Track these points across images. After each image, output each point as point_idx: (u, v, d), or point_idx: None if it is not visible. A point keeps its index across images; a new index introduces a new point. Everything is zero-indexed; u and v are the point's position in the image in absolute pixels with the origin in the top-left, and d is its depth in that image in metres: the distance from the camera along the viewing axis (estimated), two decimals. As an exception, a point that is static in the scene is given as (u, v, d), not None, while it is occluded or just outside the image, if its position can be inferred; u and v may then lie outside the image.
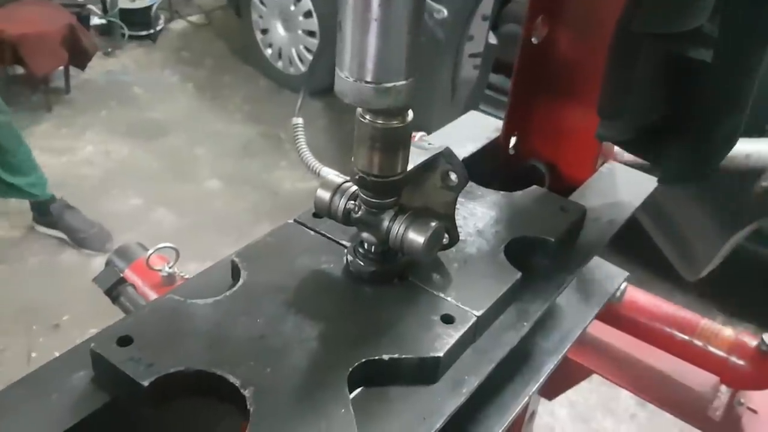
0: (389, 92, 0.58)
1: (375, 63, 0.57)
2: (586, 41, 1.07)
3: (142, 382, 0.63)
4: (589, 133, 1.07)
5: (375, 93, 0.57)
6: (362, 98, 0.58)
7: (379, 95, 0.58)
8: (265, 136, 4.61)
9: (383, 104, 0.58)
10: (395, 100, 0.58)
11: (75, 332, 3.04)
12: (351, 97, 0.58)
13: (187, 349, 0.68)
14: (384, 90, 0.57)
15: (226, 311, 0.73)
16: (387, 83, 0.57)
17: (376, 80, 0.57)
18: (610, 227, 0.97)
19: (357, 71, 0.57)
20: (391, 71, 0.57)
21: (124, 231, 3.52)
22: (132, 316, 0.72)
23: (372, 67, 0.57)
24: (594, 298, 1.08)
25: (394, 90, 0.58)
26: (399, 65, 0.57)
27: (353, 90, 0.58)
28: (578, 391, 2.98)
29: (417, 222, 0.73)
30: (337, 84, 0.59)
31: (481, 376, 0.72)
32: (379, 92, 0.57)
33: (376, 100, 0.58)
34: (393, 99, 0.58)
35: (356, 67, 0.57)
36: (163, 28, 5.77)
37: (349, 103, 0.59)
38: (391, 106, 0.59)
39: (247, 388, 0.64)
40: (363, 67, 0.57)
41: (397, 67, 0.57)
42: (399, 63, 0.57)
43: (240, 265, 0.79)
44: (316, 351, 0.69)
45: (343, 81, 0.58)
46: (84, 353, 0.69)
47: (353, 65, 0.57)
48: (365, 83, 0.57)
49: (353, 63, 0.57)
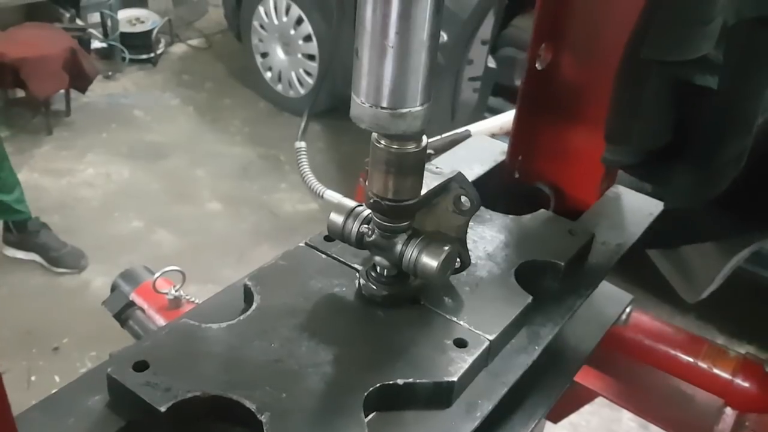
0: (405, 117, 0.59)
1: (391, 89, 0.58)
2: (590, 66, 1.08)
3: (159, 407, 0.64)
4: (594, 156, 1.09)
5: (391, 118, 0.58)
6: (378, 123, 0.59)
7: (395, 120, 0.59)
8: (265, 158, 4.63)
9: (399, 129, 0.59)
10: (411, 125, 0.59)
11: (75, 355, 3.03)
12: (367, 122, 0.59)
13: (203, 373, 0.68)
14: (400, 115, 0.58)
15: (240, 335, 0.73)
16: (403, 109, 0.58)
17: (392, 106, 0.58)
18: (617, 250, 0.98)
19: (373, 97, 0.58)
20: (407, 97, 0.58)
21: (125, 253, 3.52)
22: (147, 340, 0.73)
23: (388, 93, 0.58)
24: (600, 321, 1.09)
25: (410, 115, 0.59)
26: (415, 91, 0.58)
27: (369, 115, 0.59)
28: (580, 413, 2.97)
29: (430, 246, 0.74)
30: (353, 109, 0.60)
31: (494, 399, 0.72)
32: (396, 117, 0.58)
33: (392, 125, 0.59)
34: (409, 124, 0.59)
35: (373, 93, 0.58)
36: (163, 51, 5.81)
37: (365, 129, 0.60)
38: (407, 131, 0.60)
39: (263, 413, 0.64)
40: (379, 93, 0.58)
41: (413, 92, 0.58)
42: (415, 89, 0.58)
43: (253, 288, 0.79)
44: (331, 375, 0.70)
45: (359, 106, 0.59)
46: (100, 376, 0.69)
47: (370, 91, 0.58)
48: (381, 109, 0.58)
49: (369, 89, 0.58)
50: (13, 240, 3.57)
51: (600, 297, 1.09)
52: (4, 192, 3.28)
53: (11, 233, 3.55)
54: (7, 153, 3.30)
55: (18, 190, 3.37)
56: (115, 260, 3.54)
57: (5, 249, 3.59)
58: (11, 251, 3.58)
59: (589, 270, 0.94)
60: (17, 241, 3.56)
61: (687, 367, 1.30)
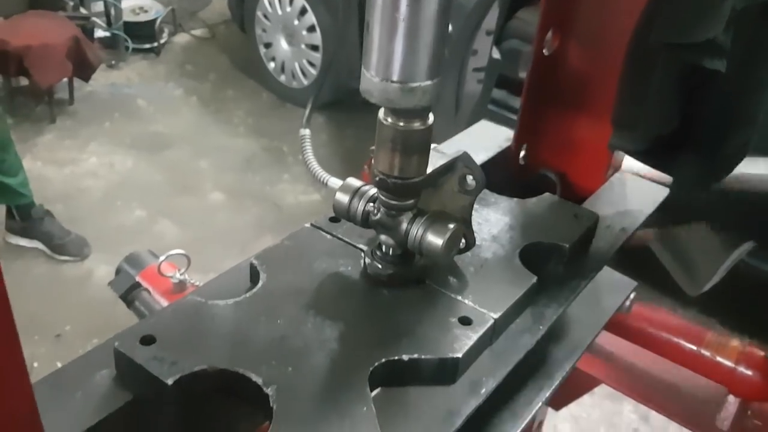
0: (415, 92, 0.59)
1: (401, 63, 0.58)
2: (596, 53, 1.08)
3: (166, 381, 0.64)
4: (600, 143, 1.09)
5: (401, 92, 0.58)
6: (388, 97, 0.59)
7: (405, 94, 0.58)
8: (268, 149, 4.63)
9: (409, 103, 0.59)
10: (421, 100, 0.59)
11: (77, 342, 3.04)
12: (377, 96, 0.59)
13: (210, 348, 0.68)
14: (410, 89, 0.58)
15: (246, 312, 0.73)
16: (413, 83, 0.58)
17: (402, 80, 0.58)
18: (622, 235, 0.98)
19: (383, 71, 0.58)
20: (417, 71, 0.58)
21: (128, 243, 3.51)
22: (154, 316, 0.73)
23: (398, 66, 0.58)
24: (604, 306, 1.09)
25: (420, 90, 0.59)
26: (425, 65, 0.58)
27: (379, 89, 0.59)
28: (581, 406, 2.98)
29: (436, 224, 0.74)
30: (363, 83, 0.60)
31: (498, 377, 0.73)
32: (405, 91, 0.58)
33: (402, 100, 0.59)
34: (419, 98, 0.59)
35: (383, 67, 0.58)
36: (166, 41, 5.81)
37: (374, 103, 0.60)
38: (416, 105, 0.60)
39: (269, 386, 0.65)
40: (389, 67, 0.58)
41: (424, 67, 0.58)
42: (425, 63, 0.58)
43: (259, 267, 0.80)
44: (337, 351, 0.70)
45: (369, 80, 0.59)
46: (107, 352, 0.70)
47: (380, 65, 0.58)
48: (391, 82, 0.58)
49: (380, 62, 0.58)
50: (16, 227, 3.57)
51: (603, 283, 1.10)
52: (8, 175, 3.29)
53: (15, 220, 3.55)
54: (11, 137, 3.31)
55: (22, 174, 3.38)
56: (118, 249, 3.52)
57: (8, 236, 3.60)
58: (14, 239, 3.59)
59: (594, 253, 0.95)
60: (21, 228, 3.56)
61: (690, 355, 1.30)
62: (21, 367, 0.47)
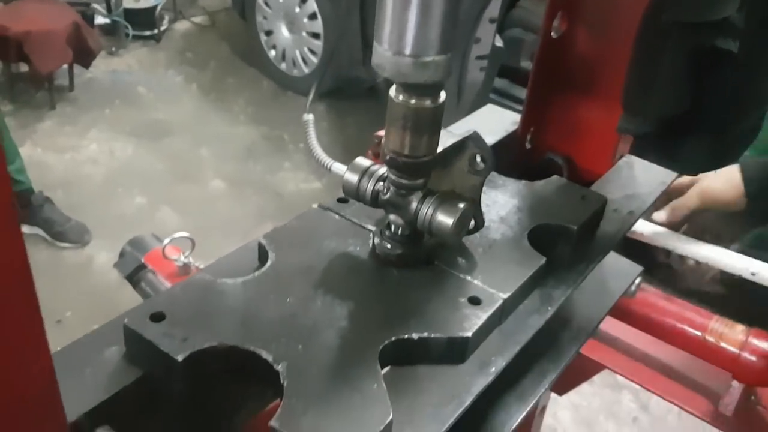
0: (428, 66, 0.58)
1: (414, 35, 0.57)
2: (605, 36, 1.08)
3: (176, 357, 0.64)
4: (607, 127, 1.09)
5: (413, 66, 0.58)
6: (400, 71, 0.58)
7: (417, 68, 0.58)
8: (269, 137, 4.62)
9: (421, 78, 0.59)
10: (433, 74, 0.59)
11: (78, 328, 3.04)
12: (389, 70, 0.59)
13: (219, 325, 0.68)
14: (422, 63, 0.58)
15: (255, 290, 0.73)
16: (426, 57, 0.58)
17: (414, 53, 0.57)
18: (630, 218, 0.98)
19: (396, 44, 0.58)
20: (430, 44, 0.57)
21: (128, 229, 3.50)
22: (163, 293, 0.73)
23: (411, 39, 0.57)
24: (609, 291, 1.09)
25: (433, 64, 0.58)
26: (438, 39, 0.57)
27: (392, 63, 0.58)
28: (581, 395, 2.99)
29: (446, 204, 0.74)
30: (375, 57, 0.60)
31: (507, 357, 0.72)
32: (418, 65, 0.58)
33: (414, 74, 0.58)
34: (431, 73, 0.58)
35: (395, 40, 0.58)
36: (167, 28, 5.79)
37: (387, 77, 0.59)
38: (428, 80, 0.59)
39: (280, 363, 0.65)
40: (402, 40, 0.57)
41: (436, 40, 0.57)
42: (438, 36, 0.57)
43: (267, 247, 0.79)
44: (346, 330, 0.70)
45: (381, 54, 0.59)
46: (115, 330, 0.70)
47: (392, 38, 0.57)
48: (404, 56, 0.58)
49: (392, 35, 0.57)
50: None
51: (609, 268, 1.10)
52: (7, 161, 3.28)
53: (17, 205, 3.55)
54: (6, 123, 3.30)
55: (18, 161, 3.37)
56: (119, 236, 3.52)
57: None
58: None
59: (602, 236, 0.94)
60: (21, 215, 3.55)
61: (694, 341, 1.30)
62: (41, 337, 0.47)
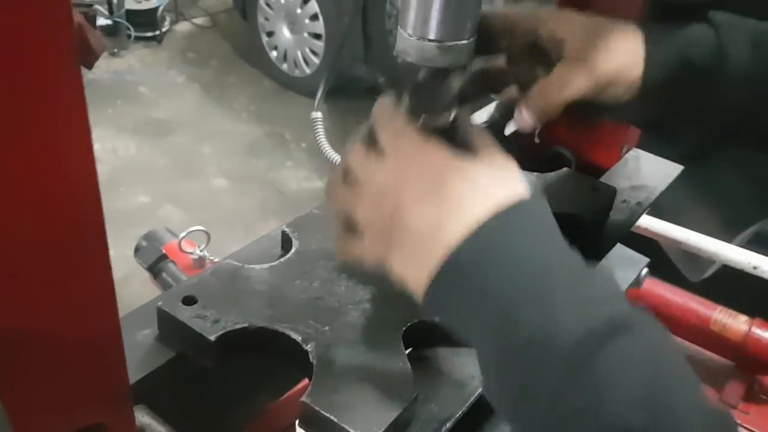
0: (452, 50, 0.59)
1: (439, 20, 0.58)
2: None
3: (209, 337, 0.67)
4: (615, 120, 1.11)
5: (438, 51, 0.59)
6: (425, 56, 0.60)
7: (441, 53, 0.59)
8: (271, 136, 4.64)
9: (445, 62, 0.60)
10: (458, 59, 0.61)
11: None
12: (414, 55, 0.60)
13: (249, 308, 0.71)
14: (447, 48, 0.59)
15: (282, 275, 0.76)
16: (450, 41, 0.59)
17: (439, 38, 0.59)
18: (638, 209, 1.01)
19: (420, 29, 0.59)
20: (454, 29, 0.59)
21: (133, 227, 3.53)
22: (194, 278, 0.75)
23: (436, 24, 0.58)
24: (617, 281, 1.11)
25: (457, 48, 0.60)
26: (462, 24, 0.59)
27: (416, 48, 0.60)
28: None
29: None
30: (399, 43, 0.61)
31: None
32: (443, 50, 0.59)
33: (438, 59, 0.60)
34: (455, 57, 0.60)
35: (420, 25, 0.59)
36: (168, 29, 5.80)
37: (411, 62, 0.60)
38: (452, 65, 0.61)
39: (308, 343, 0.67)
40: (427, 25, 0.59)
41: (461, 25, 0.59)
42: (463, 21, 0.59)
43: (291, 235, 0.82)
44: (371, 312, 0.73)
45: (405, 39, 0.60)
46: (147, 314, 0.72)
47: (417, 23, 0.59)
48: (428, 41, 0.59)
49: (417, 21, 0.59)
50: None
51: (616, 259, 1.12)
52: None
53: None
54: None
55: None
56: (123, 233, 3.55)
57: None
58: None
59: (611, 226, 0.97)
60: None
61: (698, 331, 1.33)
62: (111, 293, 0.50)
